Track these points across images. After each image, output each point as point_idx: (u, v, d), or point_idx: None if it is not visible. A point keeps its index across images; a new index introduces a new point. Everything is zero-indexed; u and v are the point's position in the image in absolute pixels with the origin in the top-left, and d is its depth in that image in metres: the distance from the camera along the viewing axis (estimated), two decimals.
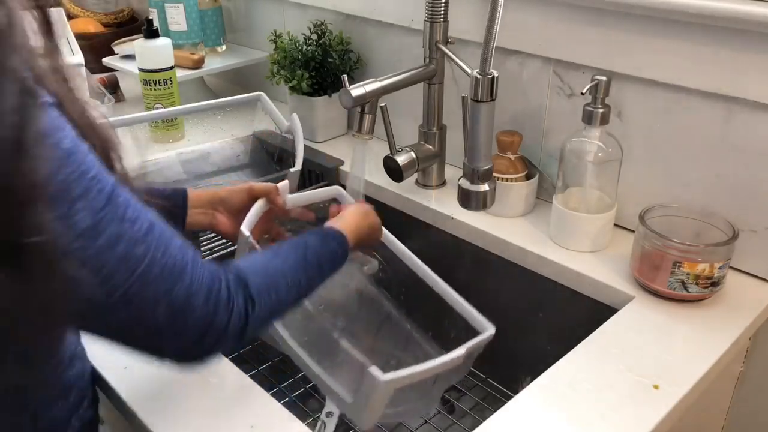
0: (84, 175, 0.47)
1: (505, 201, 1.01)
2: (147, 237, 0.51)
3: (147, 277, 0.51)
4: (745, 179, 0.85)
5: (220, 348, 0.59)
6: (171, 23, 1.45)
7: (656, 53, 0.86)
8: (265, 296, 0.61)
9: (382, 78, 0.97)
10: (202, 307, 0.55)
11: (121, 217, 0.49)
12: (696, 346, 0.77)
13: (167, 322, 0.53)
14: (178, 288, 0.53)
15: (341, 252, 0.76)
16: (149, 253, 0.51)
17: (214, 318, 0.56)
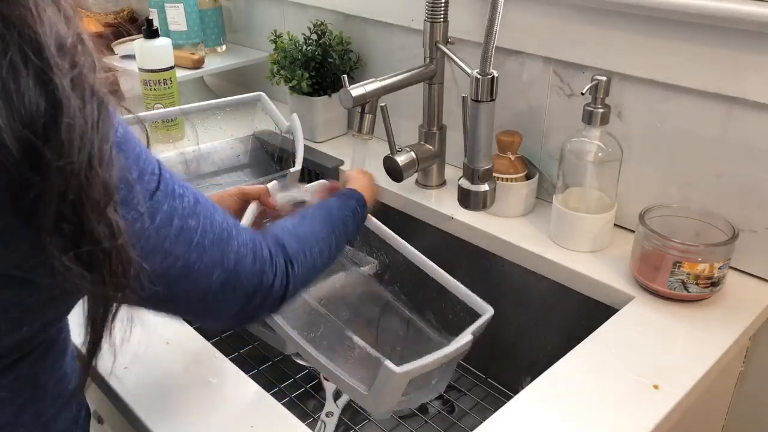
0: (138, 158, 0.49)
1: (505, 201, 1.01)
2: (196, 208, 0.53)
3: (202, 246, 0.53)
4: (745, 179, 0.85)
5: (266, 309, 0.62)
6: (171, 23, 1.45)
7: (656, 53, 0.86)
8: (301, 256, 0.65)
9: (382, 78, 0.97)
10: (251, 268, 0.58)
11: (172, 193, 0.51)
12: (696, 346, 0.77)
13: (222, 286, 0.56)
14: (229, 252, 0.56)
15: (361, 209, 0.81)
16: (200, 224, 0.53)
17: (261, 278, 0.59)
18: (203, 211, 0.54)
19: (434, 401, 1.06)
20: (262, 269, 0.59)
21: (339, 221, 0.75)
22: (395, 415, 1.02)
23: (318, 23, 1.27)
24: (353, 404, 1.03)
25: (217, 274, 0.55)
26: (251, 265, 0.58)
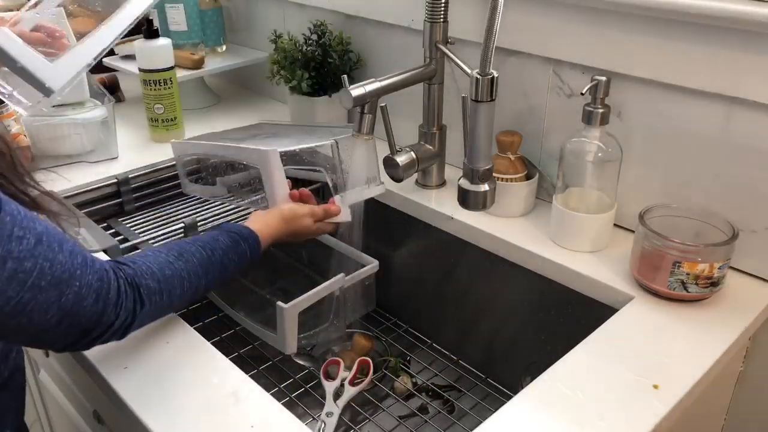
0: None
1: (505, 201, 1.01)
2: (35, 250, 0.54)
3: (37, 287, 0.54)
4: (745, 179, 0.85)
5: (103, 340, 0.64)
6: (171, 23, 1.45)
7: (656, 53, 0.86)
8: (156, 298, 0.66)
9: (382, 78, 0.97)
10: (91, 308, 0.60)
11: (9, 236, 0.52)
12: (696, 346, 0.77)
13: (57, 324, 0.57)
14: (68, 293, 0.57)
15: (250, 254, 0.81)
16: (37, 266, 0.54)
17: (101, 317, 0.61)
18: (43, 253, 0.55)
19: (434, 401, 1.06)
20: (103, 310, 0.61)
21: (219, 265, 0.76)
22: (395, 415, 1.03)
23: (318, 23, 1.27)
24: (353, 404, 1.03)
25: (53, 312, 0.56)
26: (92, 305, 0.60)
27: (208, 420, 0.68)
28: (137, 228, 1.14)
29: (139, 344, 0.78)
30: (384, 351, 1.16)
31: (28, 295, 0.54)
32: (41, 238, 0.55)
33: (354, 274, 1.04)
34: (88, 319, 0.60)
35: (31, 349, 1.12)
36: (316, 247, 1.17)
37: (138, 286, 0.65)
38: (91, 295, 0.59)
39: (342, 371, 1.05)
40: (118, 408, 0.72)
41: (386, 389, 1.08)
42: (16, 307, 0.53)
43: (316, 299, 0.96)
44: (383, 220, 1.16)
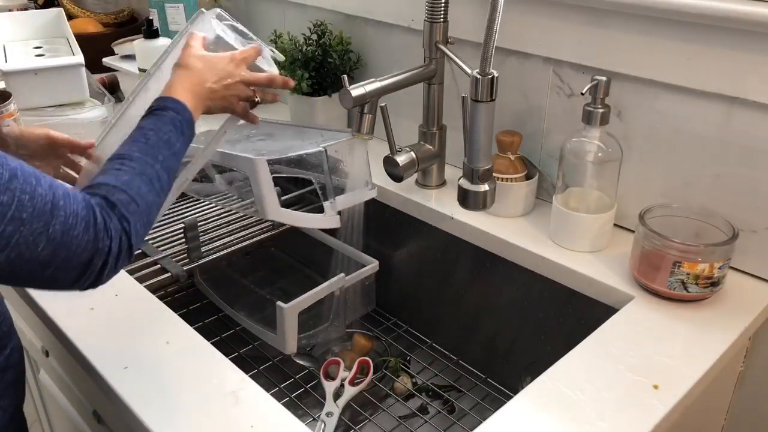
0: None
1: (505, 201, 1.01)
2: (11, 184, 0.55)
3: (19, 219, 0.55)
4: (745, 179, 0.85)
5: (111, 268, 0.63)
6: (171, 23, 1.45)
7: (656, 53, 0.86)
8: (133, 206, 0.65)
9: (382, 78, 0.97)
10: (83, 236, 0.60)
11: None
12: (696, 346, 0.77)
13: (51, 255, 0.58)
14: (54, 224, 0.58)
15: (183, 117, 0.76)
16: (15, 198, 0.55)
17: (96, 243, 0.61)
18: (20, 186, 0.56)
19: (434, 401, 1.06)
20: (96, 236, 0.61)
21: (160, 143, 0.72)
22: (395, 415, 1.03)
23: (318, 23, 1.27)
24: (353, 404, 1.03)
25: (43, 244, 0.57)
26: (83, 233, 0.60)
27: (207, 420, 0.68)
28: None
29: (139, 344, 0.78)
30: (384, 351, 1.16)
31: (10, 227, 0.55)
32: (16, 173, 0.56)
33: (354, 274, 1.04)
34: (83, 248, 0.60)
35: (31, 349, 1.12)
36: (316, 247, 1.17)
37: (113, 205, 0.64)
38: (80, 223, 0.60)
39: (342, 371, 1.05)
40: (118, 408, 0.72)
41: (386, 389, 1.08)
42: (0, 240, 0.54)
43: (316, 299, 0.96)
44: (383, 220, 1.16)
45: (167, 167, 0.72)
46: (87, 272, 0.61)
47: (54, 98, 1.26)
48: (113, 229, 0.63)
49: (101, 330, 0.80)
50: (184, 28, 0.99)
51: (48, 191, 0.58)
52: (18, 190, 0.56)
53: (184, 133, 0.75)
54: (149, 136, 0.72)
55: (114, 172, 0.68)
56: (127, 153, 0.70)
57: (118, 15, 1.89)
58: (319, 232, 1.19)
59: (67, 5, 1.82)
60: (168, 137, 0.73)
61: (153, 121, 0.74)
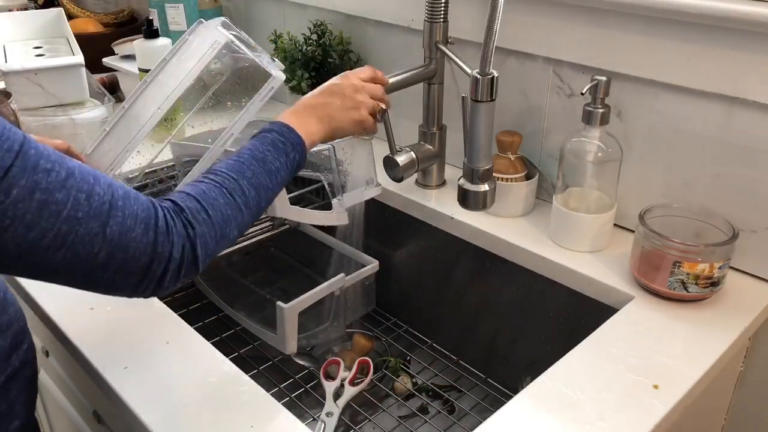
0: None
1: (505, 201, 1.01)
2: (67, 182, 0.54)
3: (74, 218, 0.54)
4: (745, 179, 0.85)
5: (173, 277, 0.61)
6: (171, 23, 1.45)
7: (656, 53, 0.86)
8: (202, 216, 0.63)
9: None
10: (141, 238, 0.58)
11: (34, 167, 0.52)
12: (696, 346, 0.77)
13: (108, 257, 0.57)
14: (111, 224, 0.56)
15: (285, 138, 0.75)
16: (71, 197, 0.54)
17: (155, 248, 0.59)
18: (77, 184, 0.55)
19: (434, 401, 1.06)
20: (155, 240, 0.59)
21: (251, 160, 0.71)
22: (395, 415, 1.03)
23: (318, 23, 1.27)
24: (353, 404, 1.03)
25: (99, 245, 0.56)
26: (141, 235, 0.58)
27: (207, 420, 0.68)
28: None
29: (139, 344, 0.78)
30: (384, 351, 1.16)
31: (66, 226, 0.54)
32: (73, 171, 0.55)
33: (354, 274, 1.04)
34: (141, 252, 0.58)
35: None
36: (316, 247, 1.17)
37: (180, 211, 0.63)
38: (139, 225, 0.58)
39: (342, 371, 1.05)
40: (118, 408, 0.72)
41: (386, 389, 1.08)
42: (55, 240, 0.53)
43: (316, 299, 0.96)
44: (383, 220, 1.16)
45: (256, 183, 0.70)
46: (146, 278, 0.60)
47: (54, 98, 1.26)
48: (175, 234, 0.61)
49: (101, 330, 0.80)
50: (181, 38, 0.99)
51: (106, 191, 0.57)
52: (74, 189, 0.54)
53: (288, 155, 0.75)
54: (243, 153, 0.72)
55: (193, 184, 0.67)
56: (214, 168, 0.70)
57: (118, 15, 1.89)
58: (319, 232, 1.19)
59: (67, 5, 1.82)
60: (264, 156, 0.72)
61: (252, 143, 0.74)
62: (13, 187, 0.51)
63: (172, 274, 0.61)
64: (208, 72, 1.00)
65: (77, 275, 0.57)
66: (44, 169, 0.53)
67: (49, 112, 1.21)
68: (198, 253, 0.62)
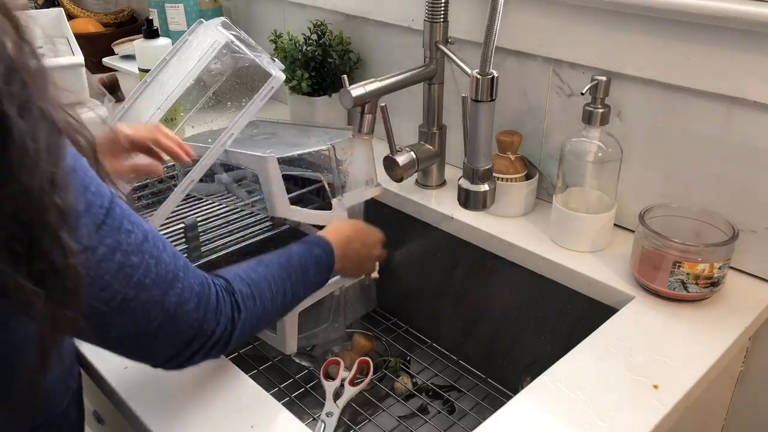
0: (86, 190, 0.49)
1: (505, 201, 1.01)
2: (143, 246, 0.53)
3: (142, 284, 0.53)
4: (745, 179, 0.85)
5: (205, 355, 0.61)
6: (171, 23, 1.45)
7: (656, 53, 0.86)
8: (250, 302, 0.64)
9: (382, 78, 0.97)
10: (193, 313, 0.58)
11: (119, 227, 0.51)
12: (696, 346, 0.77)
13: (160, 327, 0.56)
14: (171, 294, 0.55)
15: (326, 259, 0.79)
16: (144, 262, 0.53)
17: (202, 324, 0.59)
18: (150, 250, 0.54)
19: (434, 401, 1.06)
20: (204, 316, 0.59)
21: (298, 267, 0.74)
22: (395, 415, 1.03)
23: (318, 23, 1.27)
24: (353, 404, 1.03)
25: (156, 314, 0.55)
26: (194, 310, 0.58)
27: (207, 420, 0.68)
28: None
29: None
30: (384, 351, 1.16)
31: (133, 291, 0.52)
32: (147, 235, 0.54)
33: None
34: (189, 326, 0.58)
35: None
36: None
37: (233, 292, 0.63)
38: (193, 299, 0.57)
39: (342, 371, 1.05)
40: (118, 408, 0.72)
41: (386, 389, 1.08)
42: (121, 304, 0.52)
43: (316, 299, 0.96)
44: (383, 220, 1.16)
45: (295, 291, 0.72)
46: (183, 353, 0.59)
47: None
48: (223, 314, 0.60)
49: None
50: (181, 38, 0.99)
51: (172, 259, 0.56)
52: (147, 254, 0.53)
53: (321, 274, 0.78)
54: (292, 255, 0.74)
55: (246, 269, 0.68)
56: (266, 260, 0.71)
57: (118, 15, 1.89)
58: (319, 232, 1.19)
59: (67, 5, 1.82)
60: (307, 267, 0.75)
61: (302, 249, 0.77)
62: (100, 245, 0.50)
63: (204, 351, 0.61)
64: (208, 72, 1.01)
65: (122, 341, 0.56)
66: (126, 230, 0.52)
67: None
68: (233, 337, 0.62)
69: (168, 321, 0.56)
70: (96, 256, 0.49)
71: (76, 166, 0.49)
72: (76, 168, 0.48)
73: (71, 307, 0.47)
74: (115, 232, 0.51)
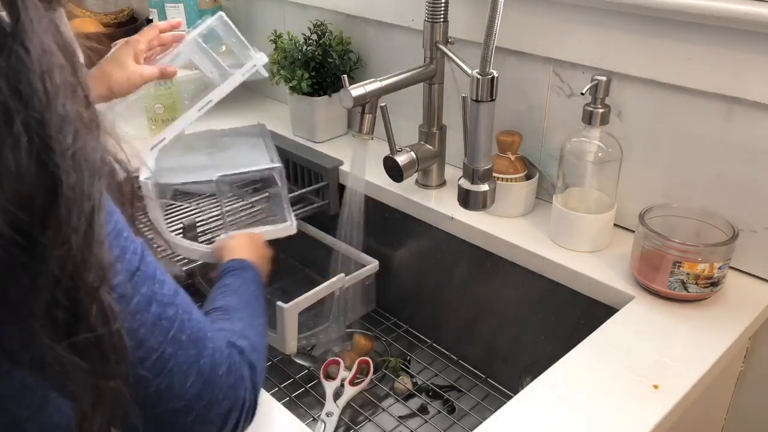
0: (119, 235, 0.45)
1: (505, 201, 1.01)
2: (176, 298, 0.48)
3: (179, 341, 0.48)
4: (745, 179, 0.85)
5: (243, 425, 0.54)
6: None
7: (656, 53, 0.86)
8: (255, 356, 0.59)
9: (382, 78, 0.97)
10: (225, 379, 0.51)
11: (152, 277, 0.47)
12: (696, 346, 0.77)
13: (197, 395, 0.49)
14: (205, 355, 0.50)
15: (260, 278, 0.79)
16: (178, 316, 0.48)
17: (236, 391, 0.53)
18: (182, 304, 0.49)
19: (434, 401, 1.06)
20: (235, 382, 0.52)
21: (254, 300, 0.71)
22: (395, 415, 1.03)
23: (318, 23, 1.27)
24: (353, 404, 1.03)
25: (193, 378, 0.49)
26: (226, 375, 0.51)
27: None
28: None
29: None
30: (384, 351, 1.16)
31: (170, 349, 0.47)
32: (178, 290, 0.49)
33: (354, 274, 1.04)
34: (224, 395, 0.51)
35: None
36: (316, 247, 1.17)
37: (242, 350, 0.56)
38: (224, 363, 0.51)
39: (342, 371, 1.05)
40: None
41: (386, 389, 1.08)
42: (157, 363, 0.46)
43: (316, 299, 0.96)
44: (383, 220, 1.16)
45: (265, 323, 0.70)
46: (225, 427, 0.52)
47: None
48: (247, 378, 0.54)
49: None
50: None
51: (200, 317, 0.51)
52: (181, 307, 0.48)
53: (264, 296, 0.77)
54: (240, 291, 0.71)
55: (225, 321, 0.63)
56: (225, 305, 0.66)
57: (118, 15, 1.89)
58: (319, 232, 1.19)
59: (67, 5, 1.82)
60: (257, 294, 0.74)
61: (238, 280, 0.74)
62: (135, 294, 0.45)
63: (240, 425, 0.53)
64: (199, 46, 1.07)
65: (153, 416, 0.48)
66: (160, 280, 0.47)
67: None
68: (257, 399, 0.56)
69: (204, 388, 0.49)
70: (131, 306, 0.44)
71: (110, 208, 0.44)
72: (111, 211, 0.44)
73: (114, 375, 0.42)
74: (149, 280, 0.46)
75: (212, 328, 0.52)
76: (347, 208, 1.06)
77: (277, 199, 1.06)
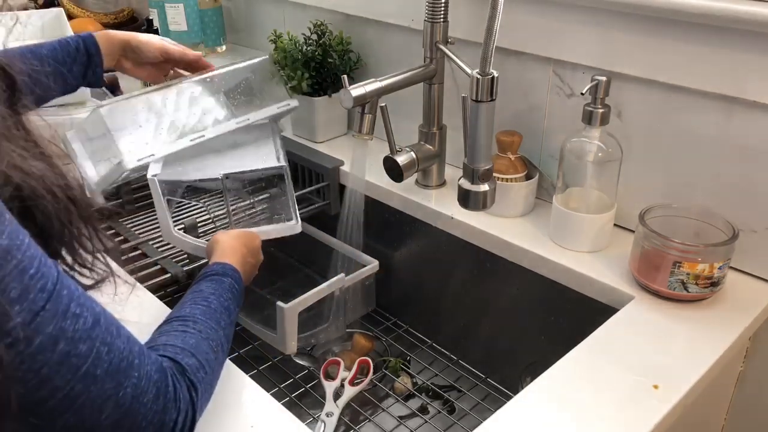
0: (23, 274, 0.43)
1: (505, 201, 1.01)
2: (93, 332, 0.47)
3: (92, 375, 0.46)
4: (745, 179, 0.85)
5: None
6: (171, 23, 1.45)
7: (656, 53, 0.86)
8: (201, 374, 0.58)
9: (382, 78, 0.97)
10: (152, 406, 0.51)
11: (63, 313, 0.45)
12: (696, 346, 0.77)
13: (114, 425, 0.48)
14: (126, 386, 0.49)
15: (238, 286, 0.75)
16: (94, 350, 0.47)
17: (164, 417, 0.52)
18: (101, 336, 0.47)
19: (434, 401, 1.06)
20: (165, 407, 0.52)
21: (220, 309, 0.69)
22: (395, 415, 1.03)
23: (318, 23, 1.27)
24: (353, 404, 1.03)
25: (109, 411, 0.47)
26: (153, 402, 0.51)
27: (207, 420, 0.67)
28: (137, 228, 1.14)
29: None
30: (384, 351, 1.16)
31: (80, 385, 0.45)
32: (99, 319, 0.48)
33: (354, 274, 1.04)
34: (149, 421, 0.50)
35: None
36: (316, 247, 1.17)
37: (183, 370, 0.56)
38: (151, 390, 0.50)
39: (342, 371, 1.05)
40: None
41: (386, 389, 1.08)
42: (63, 401, 0.45)
43: (316, 299, 0.96)
44: (383, 220, 1.16)
45: (227, 335, 0.67)
46: None
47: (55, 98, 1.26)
48: (182, 400, 0.54)
49: None
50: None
51: (126, 345, 0.49)
52: (98, 340, 0.47)
53: (237, 302, 0.74)
54: (210, 300, 0.68)
55: (178, 334, 0.61)
56: (189, 314, 0.64)
57: (118, 15, 1.89)
58: (319, 232, 1.19)
59: (67, 5, 1.82)
60: (227, 304, 0.70)
61: (214, 285, 0.71)
62: (37, 335, 0.43)
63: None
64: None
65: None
66: (73, 314, 0.45)
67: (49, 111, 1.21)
68: (196, 416, 0.56)
69: (124, 418, 0.48)
70: (32, 347, 0.43)
71: (9, 246, 0.42)
72: (9, 248, 0.42)
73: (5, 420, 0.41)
74: (58, 317, 0.44)
75: (142, 353, 0.51)
76: (347, 208, 1.06)
77: (283, 198, 1.05)
